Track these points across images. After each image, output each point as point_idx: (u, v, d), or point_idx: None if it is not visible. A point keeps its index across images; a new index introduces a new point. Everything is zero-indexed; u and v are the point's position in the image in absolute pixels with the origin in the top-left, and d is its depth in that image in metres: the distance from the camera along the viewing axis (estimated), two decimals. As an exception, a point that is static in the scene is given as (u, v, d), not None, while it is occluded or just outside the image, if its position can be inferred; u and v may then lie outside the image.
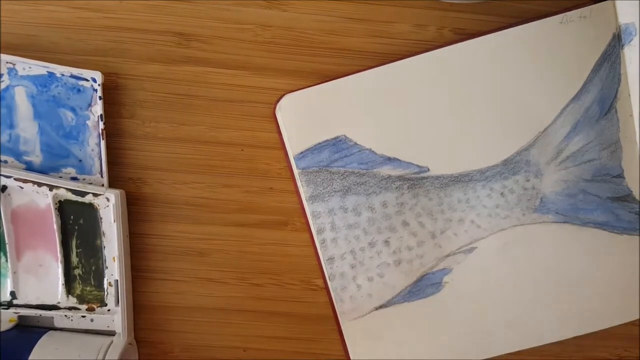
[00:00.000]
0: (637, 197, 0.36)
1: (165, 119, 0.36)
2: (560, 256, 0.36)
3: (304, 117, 0.35)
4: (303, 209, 0.36)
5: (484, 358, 0.37)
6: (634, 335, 0.39)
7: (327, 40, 0.36)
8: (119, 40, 0.35)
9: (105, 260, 0.35)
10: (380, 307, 0.36)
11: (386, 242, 0.36)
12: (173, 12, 0.35)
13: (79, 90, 0.34)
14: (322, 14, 0.36)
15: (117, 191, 0.34)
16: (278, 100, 0.35)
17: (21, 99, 0.34)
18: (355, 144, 0.35)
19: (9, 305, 0.35)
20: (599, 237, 0.36)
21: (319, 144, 0.35)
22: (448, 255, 0.36)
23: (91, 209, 0.34)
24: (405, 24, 0.36)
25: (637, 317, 0.37)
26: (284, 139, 0.35)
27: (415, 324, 0.37)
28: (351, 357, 0.37)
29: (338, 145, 0.35)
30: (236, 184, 0.37)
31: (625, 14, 0.34)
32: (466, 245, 0.36)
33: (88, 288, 0.35)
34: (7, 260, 0.34)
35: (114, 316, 0.36)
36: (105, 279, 0.35)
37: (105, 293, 0.35)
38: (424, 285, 0.36)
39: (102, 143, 0.34)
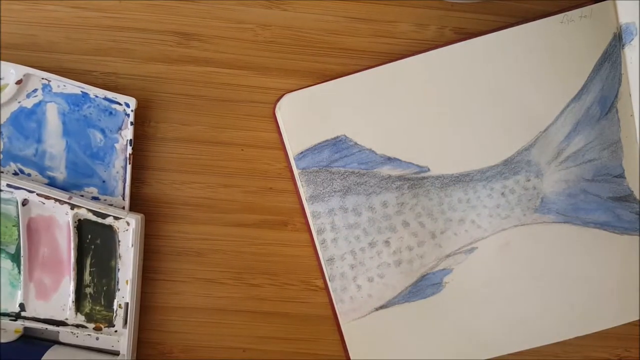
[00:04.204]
0: (638, 197, 0.36)
1: (165, 118, 0.36)
2: (560, 256, 0.36)
3: (304, 117, 0.35)
4: (303, 209, 0.36)
5: (485, 358, 0.37)
6: (634, 335, 0.39)
7: (328, 39, 0.36)
8: (118, 40, 0.35)
9: (118, 282, 0.35)
10: (381, 307, 0.36)
11: (386, 243, 0.36)
12: (173, 11, 0.35)
13: (110, 113, 0.34)
14: (323, 14, 0.36)
15: (138, 216, 0.35)
16: (278, 100, 0.35)
17: (52, 115, 0.34)
18: (355, 144, 0.35)
19: (17, 317, 0.35)
20: (599, 237, 0.36)
21: (319, 144, 0.35)
22: (448, 256, 0.36)
23: (110, 230, 0.34)
24: (406, 24, 0.36)
25: (637, 317, 0.37)
26: (284, 139, 0.35)
27: (415, 324, 0.37)
28: (351, 358, 0.37)
29: (338, 145, 0.35)
30: (236, 184, 0.37)
31: (626, 14, 0.34)
32: (467, 245, 0.36)
33: (97, 307, 0.35)
34: (19, 273, 0.34)
35: (120, 337, 0.36)
36: (115, 301, 0.35)
37: (114, 314, 0.35)
38: (424, 286, 0.36)
39: (128, 167, 0.35)
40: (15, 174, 0.34)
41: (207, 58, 0.36)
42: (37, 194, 0.33)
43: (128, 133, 0.34)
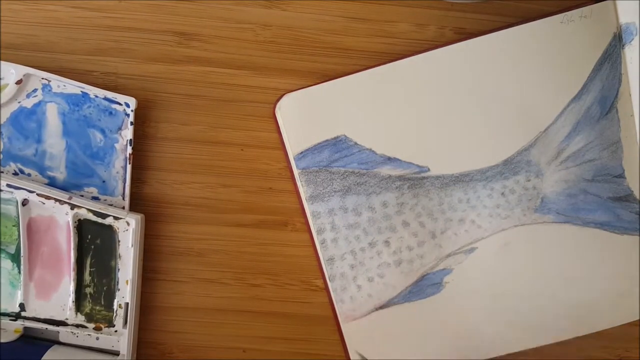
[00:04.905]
0: (638, 197, 0.36)
1: (165, 118, 0.36)
2: (560, 256, 0.36)
3: (304, 117, 0.35)
4: (303, 209, 0.36)
5: (485, 358, 0.37)
6: (634, 335, 0.39)
7: (327, 39, 0.36)
8: (118, 39, 0.35)
9: (118, 282, 0.35)
10: (381, 307, 0.36)
11: (386, 242, 0.36)
12: (173, 11, 0.35)
13: (110, 113, 0.34)
14: (322, 14, 0.36)
15: (138, 216, 0.35)
16: (278, 100, 0.35)
17: (52, 115, 0.34)
18: (355, 143, 0.35)
19: (17, 317, 0.35)
20: (599, 237, 0.36)
21: (319, 144, 0.35)
22: (448, 256, 0.36)
23: (110, 230, 0.34)
24: (406, 24, 0.36)
25: (637, 317, 0.37)
26: (284, 139, 0.35)
27: (415, 324, 0.37)
28: (351, 358, 0.37)
29: (338, 145, 0.35)
30: (236, 184, 0.37)
31: (626, 14, 0.34)
32: (467, 245, 0.36)
33: (97, 307, 0.35)
34: (20, 272, 0.34)
35: (120, 337, 0.36)
36: (115, 301, 0.35)
37: (114, 314, 0.35)
38: (424, 286, 0.36)
39: (128, 167, 0.35)
40: (15, 174, 0.34)
41: (207, 58, 0.36)
42: (37, 194, 0.33)
43: (128, 133, 0.34)
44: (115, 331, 0.35)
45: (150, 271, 0.37)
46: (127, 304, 0.35)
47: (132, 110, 0.34)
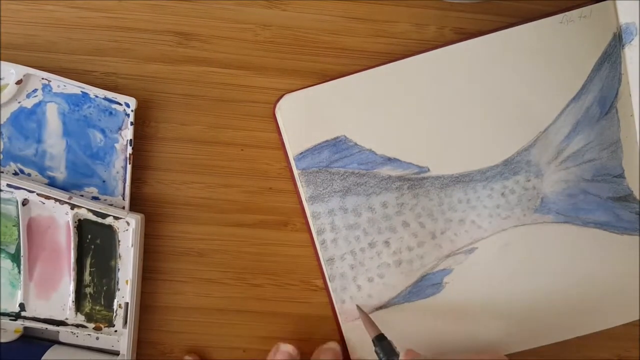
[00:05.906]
0: (638, 197, 0.36)
1: (165, 118, 0.36)
2: (560, 256, 0.36)
3: (304, 117, 0.35)
4: (303, 209, 0.36)
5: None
6: (634, 335, 0.39)
7: (327, 39, 0.36)
8: (118, 40, 0.35)
9: (117, 282, 0.35)
10: (381, 307, 0.36)
11: (386, 243, 0.36)
12: (173, 11, 0.35)
13: (110, 113, 0.34)
14: (322, 14, 0.36)
15: (138, 216, 0.35)
16: (278, 100, 0.35)
17: (52, 115, 0.34)
18: (355, 144, 0.35)
19: (17, 316, 0.35)
20: (599, 237, 0.36)
21: (319, 144, 0.35)
22: (448, 256, 0.36)
23: (110, 230, 0.34)
24: (406, 24, 0.36)
25: (637, 317, 0.37)
26: (284, 139, 0.35)
27: (415, 324, 0.37)
28: (351, 358, 0.37)
29: (338, 145, 0.35)
30: (236, 184, 0.37)
31: (626, 14, 0.34)
32: (467, 245, 0.36)
33: (97, 307, 0.35)
34: (19, 272, 0.34)
35: (119, 337, 0.36)
36: (115, 301, 0.35)
37: (114, 314, 0.35)
38: (424, 286, 0.36)
39: (128, 167, 0.35)
40: (16, 174, 0.34)
41: (207, 58, 0.36)
42: (37, 194, 0.33)
43: (128, 133, 0.34)
44: (115, 331, 0.35)
45: (150, 271, 0.37)
46: (127, 303, 0.35)
47: (132, 110, 0.34)
